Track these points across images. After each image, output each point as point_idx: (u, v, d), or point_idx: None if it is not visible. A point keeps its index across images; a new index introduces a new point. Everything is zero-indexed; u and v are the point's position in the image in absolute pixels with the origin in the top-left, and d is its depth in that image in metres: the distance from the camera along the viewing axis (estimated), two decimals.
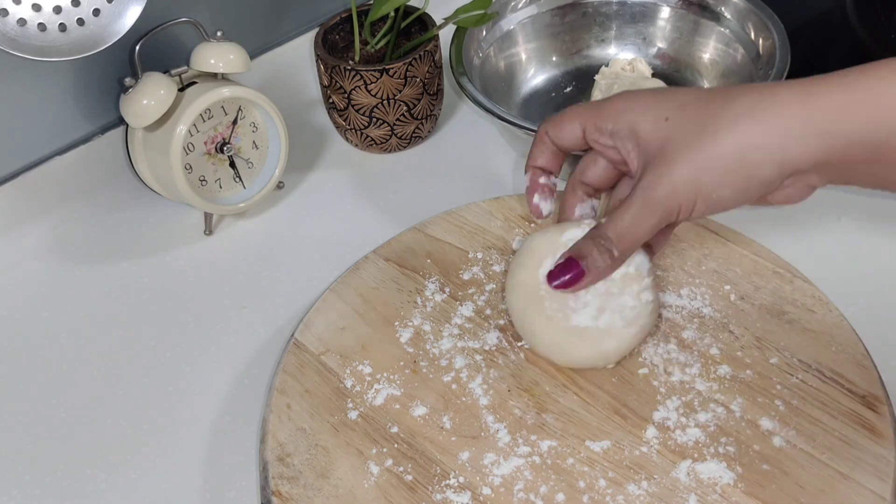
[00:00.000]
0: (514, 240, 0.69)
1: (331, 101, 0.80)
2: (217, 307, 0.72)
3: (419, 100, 0.79)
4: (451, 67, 0.79)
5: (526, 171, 0.63)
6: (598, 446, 0.56)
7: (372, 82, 0.77)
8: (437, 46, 0.80)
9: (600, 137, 0.58)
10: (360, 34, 0.79)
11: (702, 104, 0.53)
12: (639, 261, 0.59)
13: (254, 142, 0.77)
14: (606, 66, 0.84)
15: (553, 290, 0.58)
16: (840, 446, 0.55)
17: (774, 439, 0.56)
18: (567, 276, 0.57)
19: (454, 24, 0.79)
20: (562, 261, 0.58)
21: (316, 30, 0.82)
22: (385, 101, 0.78)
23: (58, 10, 0.67)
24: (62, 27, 0.67)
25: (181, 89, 0.74)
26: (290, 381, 0.62)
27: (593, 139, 0.59)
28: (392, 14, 0.79)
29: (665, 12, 0.86)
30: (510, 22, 0.86)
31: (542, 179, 0.63)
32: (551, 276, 0.58)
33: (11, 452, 0.63)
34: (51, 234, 0.78)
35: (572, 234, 0.59)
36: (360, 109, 0.79)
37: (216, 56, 0.74)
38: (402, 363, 0.62)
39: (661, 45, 0.87)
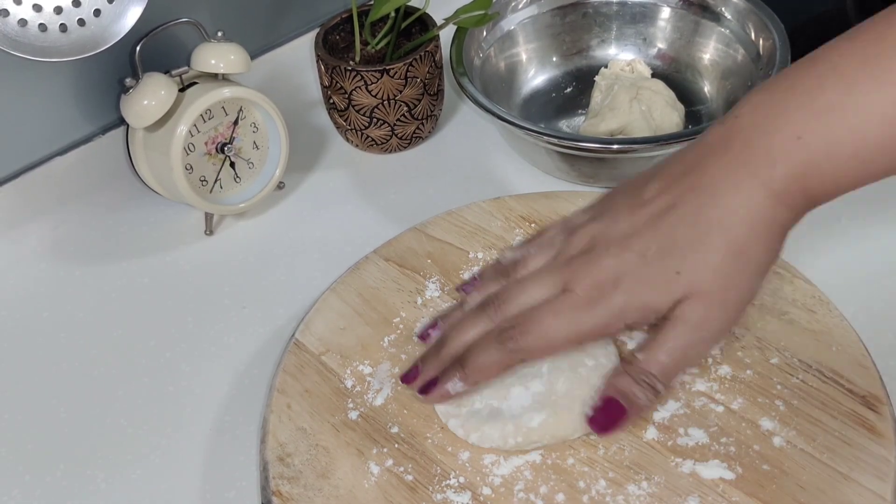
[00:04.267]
0: None
1: (331, 101, 0.80)
2: (217, 307, 0.72)
3: (419, 100, 0.79)
4: (452, 68, 0.79)
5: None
6: (599, 446, 0.56)
7: (372, 82, 0.77)
8: (437, 47, 0.80)
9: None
10: (360, 34, 0.79)
11: (689, 247, 0.52)
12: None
13: (254, 142, 0.77)
14: (606, 67, 0.84)
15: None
16: (840, 446, 0.55)
17: (774, 439, 0.56)
18: (610, 418, 0.54)
19: (454, 24, 0.79)
20: (600, 403, 0.54)
21: (316, 30, 0.82)
22: (385, 102, 0.78)
23: (58, 10, 0.67)
24: (63, 28, 0.68)
25: (182, 90, 0.74)
26: (291, 381, 0.62)
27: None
28: (392, 14, 0.79)
29: (665, 13, 0.86)
30: (510, 22, 0.86)
31: None
32: (593, 422, 0.54)
33: (11, 452, 0.63)
34: (51, 234, 0.78)
35: None
36: (360, 110, 0.79)
37: (217, 56, 0.74)
38: (402, 363, 0.62)
39: (661, 45, 0.87)
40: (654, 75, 0.84)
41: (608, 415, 0.54)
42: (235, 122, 0.76)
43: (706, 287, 0.52)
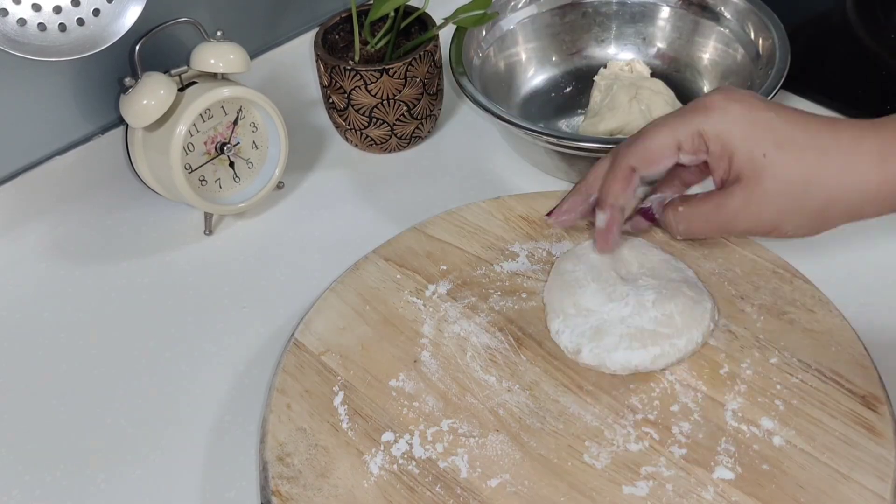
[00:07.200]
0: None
1: (331, 101, 0.80)
2: (217, 307, 0.72)
3: (419, 100, 0.79)
4: (451, 67, 0.79)
5: (603, 209, 0.62)
6: (599, 447, 0.56)
7: (372, 82, 0.77)
8: (436, 46, 0.80)
9: (699, 155, 0.59)
10: (360, 34, 0.79)
11: (799, 148, 0.56)
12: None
13: (254, 142, 0.77)
14: (605, 66, 0.84)
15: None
16: (840, 446, 0.55)
17: (774, 439, 0.56)
18: (644, 221, 0.64)
19: (454, 24, 0.79)
20: (637, 212, 0.63)
21: (316, 30, 0.82)
22: (385, 101, 0.78)
23: (58, 9, 0.67)
24: (62, 27, 0.67)
25: (181, 89, 0.74)
26: (290, 381, 0.62)
27: (691, 158, 0.59)
28: (392, 14, 0.79)
29: (665, 12, 0.86)
30: (510, 22, 0.86)
31: (618, 215, 0.62)
32: (643, 212, 0.64)
33: (11, 452, 0.63)
34: (51, 234, 0.78)
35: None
36: (360, 109, 0.79)
37: (216, 56, 0.74)
38: (401, 363, 0.62)
39: (660, 45, 0.87)
40: (653, 75, 0.84)
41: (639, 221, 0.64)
42: (235, 122, 0.76)
43: (766, 189, 0.56)
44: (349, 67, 0.77)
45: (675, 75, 0.85)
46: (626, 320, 0.61)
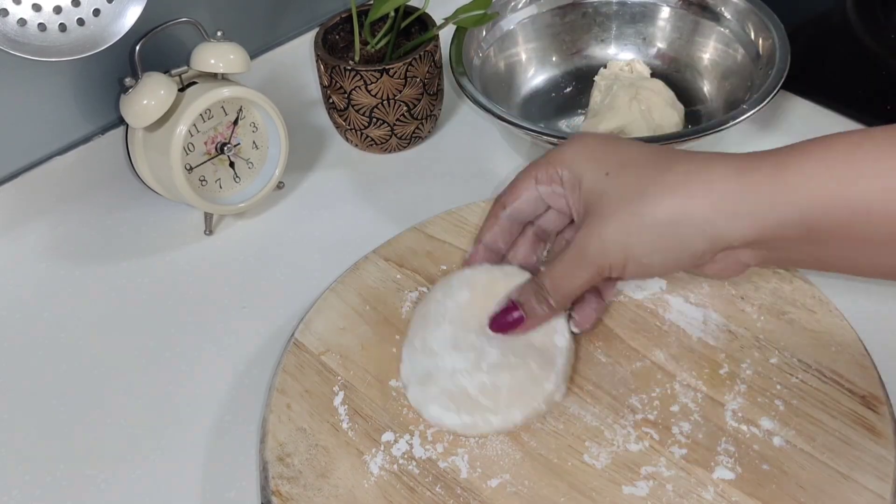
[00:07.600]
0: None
1: (331, 101, 0.80)
2: (217, 307, 0.72)
3: (419, 100, 0.79)
4: (451, 67, 0.79)
5: (474, 244, 0.63)
6: (599, 447, 0.56)
7: (372, 82, 0.77)
8: (437, 46, 0.80)
9: (553, 186, 0.58)
10: (360, 34, 0.79)
11: (641, 166, 0.53)
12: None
13: (254, 142, 0.77)
14: (605, 67, 0.84)
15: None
16: (840, 446, 0.55)
17: (774, 439, 0.56)
18: (508, 319, 0.58)
19: (454, 24, 0.79)
20: (504, 305, 0.59)
21: (316, 30, 0.82)
22: (385, 102, 0.78)
23: (58, 10, 0.67)
24: (62, 27, 0.68)
25: (181, 89, 0.74)
26: (290, 381, 0.62)
27: (547, 190, 0.59)
28: (392, 14, 0.79)
29: (665, 12, 0.86)
30: (510, 22, 0.86)
31: (486, 255, 0.62)
32: (493, 320, 0.59)
33: (11, 452, 0.63)
34: (51, 234, 0.78)
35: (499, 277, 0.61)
36: (360, 109, 0.79)
37: (216, 56, 0.74)
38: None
39: (660, 45, 0.87)
40: (653, 75, 0.84)
41: (507, 315, 0.58)
42: (235, 122, 0.76)
43: (608, 212, 0.53)
44: (349, 67, 0.77)
45: (675, 75, 0.85)
46: (454, 376, 0.58)
